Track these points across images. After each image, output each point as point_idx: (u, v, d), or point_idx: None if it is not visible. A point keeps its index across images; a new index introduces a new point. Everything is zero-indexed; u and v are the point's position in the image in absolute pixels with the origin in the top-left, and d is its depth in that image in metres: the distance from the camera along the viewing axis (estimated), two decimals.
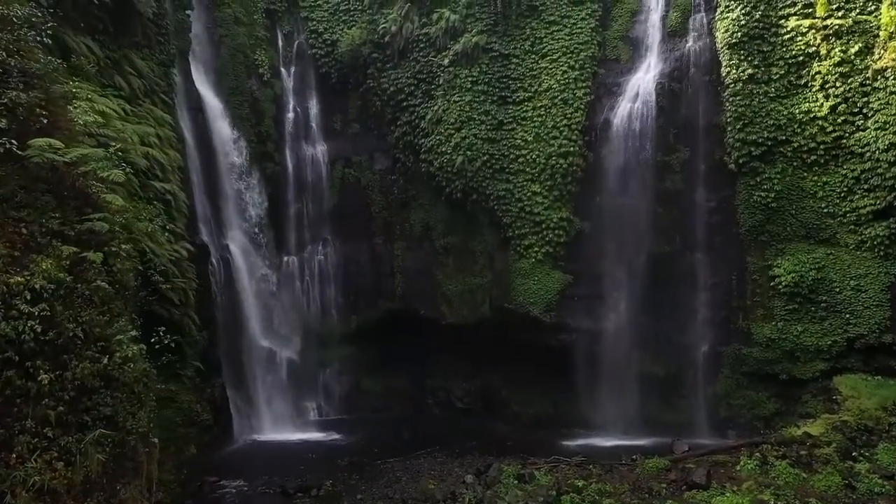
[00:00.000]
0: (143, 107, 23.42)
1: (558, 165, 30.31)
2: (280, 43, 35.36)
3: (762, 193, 27.80)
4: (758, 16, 27.89)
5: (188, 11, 30.07)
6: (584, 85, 30.75)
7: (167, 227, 23.09)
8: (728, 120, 28.19)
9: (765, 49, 27.91)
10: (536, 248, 30.59)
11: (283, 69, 35.27)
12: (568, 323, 30.43)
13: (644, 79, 30.11)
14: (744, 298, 28.59)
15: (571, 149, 30.25)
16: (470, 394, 33.66)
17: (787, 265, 27.32)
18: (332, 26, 34.96)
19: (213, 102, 30.97)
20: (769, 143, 27.65)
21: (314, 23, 35.10)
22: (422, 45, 32.96)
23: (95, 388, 10.69)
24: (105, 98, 20.05)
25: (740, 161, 28.02)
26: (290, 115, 35.14)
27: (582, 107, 30.47)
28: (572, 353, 30.42)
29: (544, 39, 31.56)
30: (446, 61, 32.21)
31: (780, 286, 27.36)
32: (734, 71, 28.10)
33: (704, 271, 29.19)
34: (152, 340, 15.87)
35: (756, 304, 28.26)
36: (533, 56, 31.65)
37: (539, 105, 31.07)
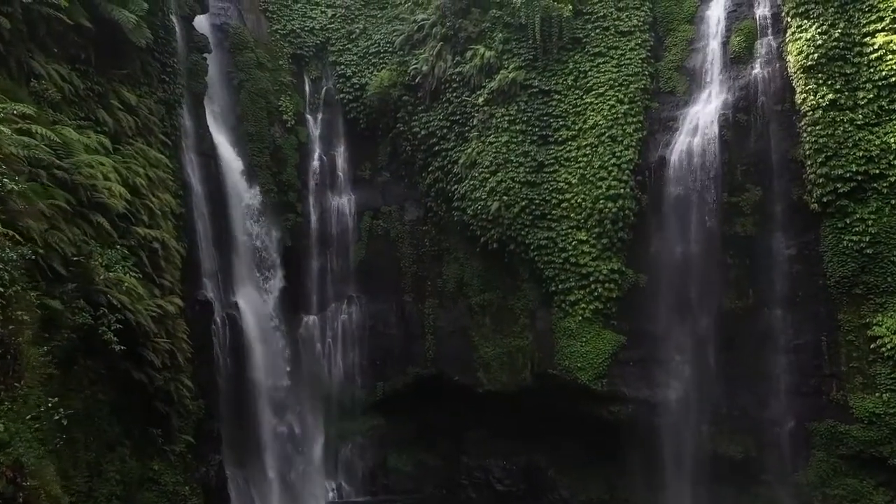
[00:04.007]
0: (133, 146, 21.01)
1: (607, 210, 26.86)
2: (307, 89, 33.44)
3: (854, 237, 23.50)
4: (837, 34, 24.23)
5: (205, 54, 28.26)
6: (634, 120, 27.49)
7: (156, 280, 20.55)
8: (807, 153, 24.37)
9: (848, 71, 24.10)
10: (584, 305, 27.01)
11: (309, 116, 33.17)
12: (622, 392, 26.65)
13: (704, 111, 26.77)
14: (837, 364, 23.94)
15: (622, 191, 26.89)
16: (511, 474, 29.61)
17: (891, 324, 22.72)
18: (361, 70, 32.92)
19: (227, 149, 28.82)
20: (859, 179, 23.51)
21: (342, 67, 33.14)
22: (455, 85, 30.45)
23: None
24: (77, 131, 17.59)
25: (824, 200, 23.99)
26: (316, 163, 32.80)
27: (633, 144, 27.21)
28: (629, 427, 26.62)
29: (589, 73, 28.63)
30: (481, 100, 29.54)
31: (884, 349, 22.70)
32: (812, 97, 24.36)
33: (786, 331, 25.01)
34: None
35: (853, 371, 23.50)
36: (576, 91, 28.69)
37: (584, 144, 27.89)
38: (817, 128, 24.09)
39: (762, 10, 26.61)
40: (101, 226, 17.35)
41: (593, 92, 28.31)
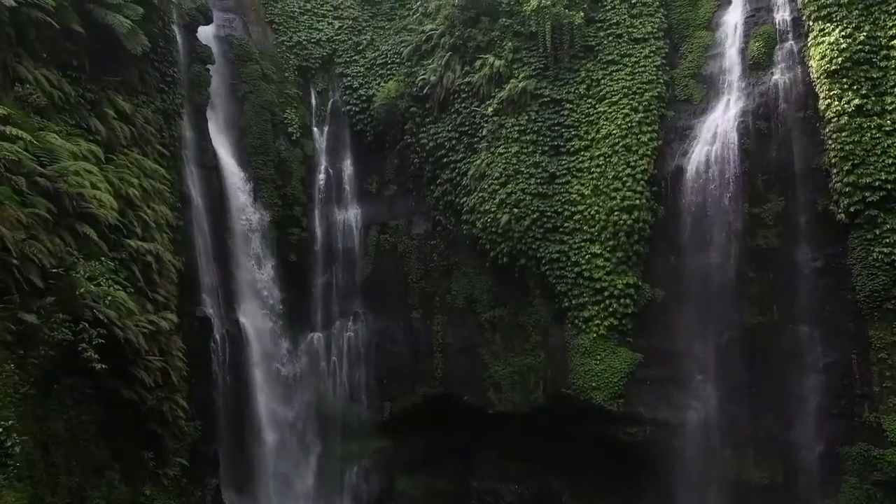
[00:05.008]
0: (128, 156, 20.32)
1: (622, 222, 25.91)
2: (313, 101, 32.74)
3: (884, 249, 22.31)
4: (862, 38, 23.27)
5: (208, 66, 27.66)
6: (649, 129, 26.62)
7: (149, 295, 19.72)
8: (832, 161, 23.26)
9: (874, 75, 23.12)
10: (598, 321, 25.96)
11: (315, 128, 32.45)
12: (640, 413, 25.51)
13: (723, 118, 25.86)
14: (869, 383, 22.63)
15: (637, 202, 25.92)
16: (523, 499, 28.44)
17: None
18: (368, 81, 32.22)
19: (230, 161, 28.15)
20: (889, 187, 22.38)
21: (349, 78, 32.45)
22: (464, 96, 29.72)
23: None
24: (66, 138, 16.88)
25: (852, 210, 22.81)
26: (322, 176, 32.01)
27: (648, 153, 26.32)
28: (647, 450, 25.34)
29: (602, 81, 27.80)
30: (490, 110, 28.73)
31: None
32: (836, 103, 23.31)
33: (813, 348, 23.73)
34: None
35: (887, 391, 22.20)
36: (589, 100, 27.85)
37: (597, 154, 27.00)
38: (843, 134, 23.02)
39: (782, 15, 25.71)
40: (89, 237, 16.57)
41: (606, 101, 27.44)
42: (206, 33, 28.43)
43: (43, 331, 13.50)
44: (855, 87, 23.08)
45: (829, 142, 23.32)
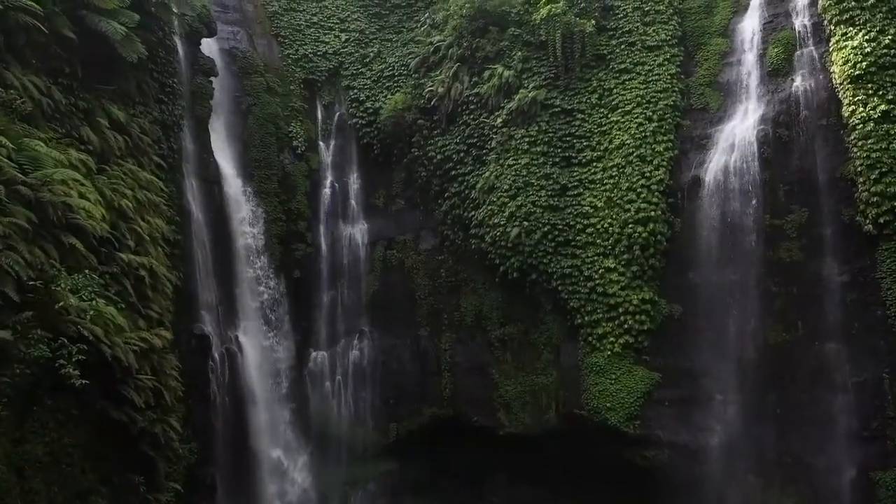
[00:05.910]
0: (122, 166, 19.62)
1: (636, 235, 25.04)
2: (319, 115, 32.13)
3: None
4: (887, 41, 22.50)
5: (211, 78, 27.10)
6: (664, 138, 25.82)
7: (141, 311, 18.91)
8: (858, 170, 22.30)
9: None
10: (613, 339, 25.02)
11: (321, 142, 31.79)
12: (657, 435, 24.48)
13: (741, 127, 25.06)
14: None
15: (652, 213, 25.09)
16: None
17: None
18: (375, 94, 31.60)
19: (233, 175, 27.55)
20: None
21: (356, 91, 31.84)
22: (472, 107, 29.04)
23: None
24: (56, 147, 16.19)
25: (880, 221, 21.80)
26: (327, 190, 31.27)
27: (663, 163, 25.54)
28: (666, 475, 24.26)
29: (614, 90, 27.07)
30: (499, 121, 28.00)
31: None
32: (861, 109, 22.41)
33: (842, 366, 22.56)
34: None
35: None
36: (601, 110, 27.13)
37: (610, 164, 26.22)
38: (869, 142, 22.10)
39: (801, 20, 24.97)
40: (76, 248, 15.80)
41: (619, 110, 26.70)
42: (210, 46, 27.95)
43: (18, 347, 12.65)
44: (881, 93, 22.21)
45: (855, 150, 22.37)
